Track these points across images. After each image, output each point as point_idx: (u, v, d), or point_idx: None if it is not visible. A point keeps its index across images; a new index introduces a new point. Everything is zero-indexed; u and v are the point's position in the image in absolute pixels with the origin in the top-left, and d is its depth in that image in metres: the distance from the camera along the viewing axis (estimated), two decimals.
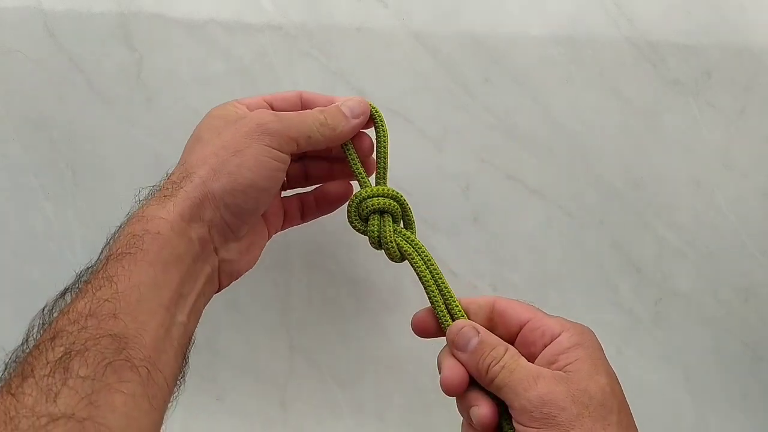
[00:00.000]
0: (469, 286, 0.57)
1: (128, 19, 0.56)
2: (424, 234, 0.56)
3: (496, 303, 0.43)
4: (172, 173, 0.42)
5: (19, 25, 0.56)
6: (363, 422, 0.57)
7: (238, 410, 0.57)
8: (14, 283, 0.58)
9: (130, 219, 0.40)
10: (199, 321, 0.46)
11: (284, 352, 0.57)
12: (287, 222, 0.50)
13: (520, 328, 0.42)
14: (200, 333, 0.50)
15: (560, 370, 0.39)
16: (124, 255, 0.37)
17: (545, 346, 0.40)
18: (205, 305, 0.42)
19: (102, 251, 0.39)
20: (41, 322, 0.37)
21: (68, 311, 0.35)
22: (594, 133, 0.56)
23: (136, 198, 0.42)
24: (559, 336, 0.40)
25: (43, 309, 0.37)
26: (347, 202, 0.47)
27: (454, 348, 0.42)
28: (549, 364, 0.39)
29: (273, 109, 0.46)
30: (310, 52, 0.56)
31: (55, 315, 0.36)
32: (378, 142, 0.48)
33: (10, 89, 0.56)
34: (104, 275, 0.36)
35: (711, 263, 0.56)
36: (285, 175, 0.44)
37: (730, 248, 0.56)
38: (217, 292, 0.44)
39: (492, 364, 0.40)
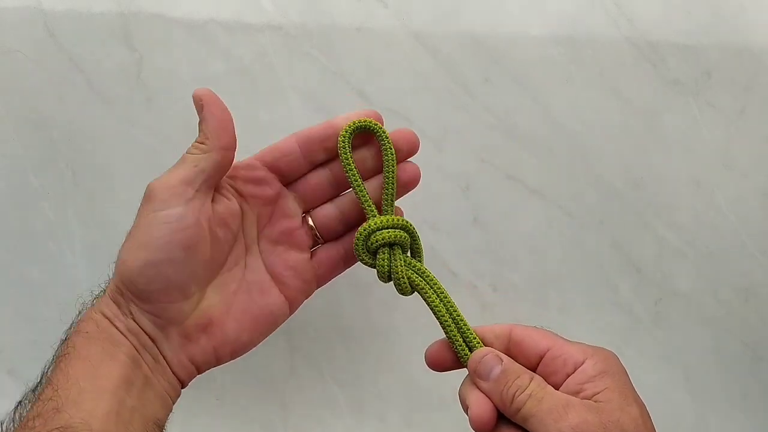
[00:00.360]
0: (469, 286, 0.57)
1: (128, 19, 0.56)
2: (424, 234, 0.56)
3: (513, 332, 0.41)
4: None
5: (19, 25, 0.56)
6: (363, 422, 0.57)
7: (238, 410, 0.57)
8: (14, 283, 0.58)
9: (68, 328, 0.41)
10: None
11: (284, 352, 0.57)
12: (326, 277, 0.46)
13: (540, 358, 0.40)
14: None
15: (589, 399, 0.37)
16: (60, 358, 0.38)
17: (568, 375, 0.38)
18: (171, 393, 0.41)
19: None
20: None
21: (23, 420, 0.37)
22: (594, 133, 0.56)
23: (82, 302, 0.42)
24: (582, 364, 0.38)
25: (1, 424, 0.38)
26: (355, 234, 0.43)
27: (476, 377, 0.41)
28: (575, 394, 0.38)
29: (274, 165, 0.42)
30: (310, 52, 0.56)
31: (14, 425, 0.38)
32: (385, 164, 0.44)
33: (10, 89, 0.56)
34: (46, 380, 0.38)
35: (711, 263, 0.56)
36: (202, 232, 0.40)
37: (730, 248, 0.56)
38: (184, 387, 0.42)
39: (517, 393, 0.38)
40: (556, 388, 0.38)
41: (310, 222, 0.44)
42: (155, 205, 0.38)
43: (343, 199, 0.45)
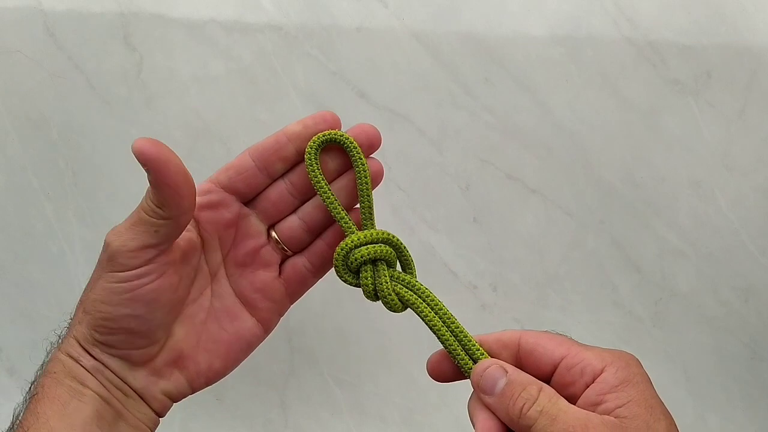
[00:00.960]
0: (469, 286, 0.57)
1: (128, 19, 0.56)
2: (424, 234, 0.56)
3: (523, 339, 0.38)
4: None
5: (19, 25, 0.56)
6: (363, 422, 0.57)
7: (238, 410, 0.57)
8: (14, 283, 0.58)
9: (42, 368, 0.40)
10: None
11: (284, 352, 0.57)
12: (298, 293, 0.43)
13: (555, 367, 0.37)
14: None
15: (610, 414, 0.34)
16: (31, 398, 0.38)
17: (587, 386, 0.35)
18: (148, 424, 0.40)
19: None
20: None
21: None
22: (594, 133, 0.56)
23: (55, 336, 0.42)
24: (602, 372, 0.35)
25: None
26: (333, 255, 0.40)
27: (480, 392, 0.37)
28: (594, 406, 0.34)
29: (230, 185, 0.39)
30: (310, 52, 0.56)
31: None
32: (358, 178, 0.41)
33: (10, 89, 0.56)
34: (18, 422, 0.37)
35: (711, 263, 0.56)
36: (167, 282, 0.38)
37: (730, 248, 0.56)
38: (161, 416, 0.41)
39: (525, 406, 0.35)
40: (574, 400, 0.35)
41: (276, 237, 0.42)
42: (115, 266, 0.37)
43: (306, 208, 0.42)
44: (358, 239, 0.39)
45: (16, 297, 0.58)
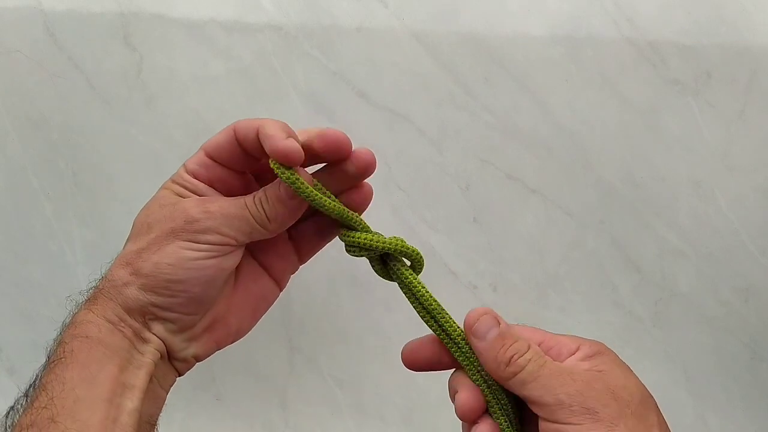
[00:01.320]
0: (469, 286, 0.57)
1: (128, 19, 0.56)
2: (424, 234, 0.56)
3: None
4: (104, 275, 0.41)
5: (19, 25, 0.56)
6: (363, 422, 0.57)
7: (238, 410, 0.57)
8: (14, 283, 0.58)
9: (62, 328, 0.40)
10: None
11: (284, 352, 0.57)
12: (302, 257, 0.45)
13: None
14: None
15: (592, 369, 0.36)
16: (55, 363, 0.38)
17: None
18: (165, 388, 0.41)
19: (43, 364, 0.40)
20: None
21: (14, 429, 0.36)
22: (594, 133, 0.56)
23: (73, 303, 0.42)
24: (577, 350, 0.37)
25: None
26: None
27: (472, 336, 0.39)
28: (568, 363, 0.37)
29: (216, 162, 0.40)
30: (310, 52, 0.56)
31: None
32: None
33: (10, 89, 0.56)
34: (39, 385, 0.37)
35: (711, 263, 0.56)
36: (231, 265, 0.40)
37: (730, 248, 0.56)
38: (181, 375, 0.43)
39: (515, 356, 0.37)
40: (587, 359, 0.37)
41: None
42: (199, 239, 0.38)
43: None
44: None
45: (16, 297, 0.58)
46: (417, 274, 0.43)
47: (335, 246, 0.56)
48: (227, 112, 0.56)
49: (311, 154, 0.41)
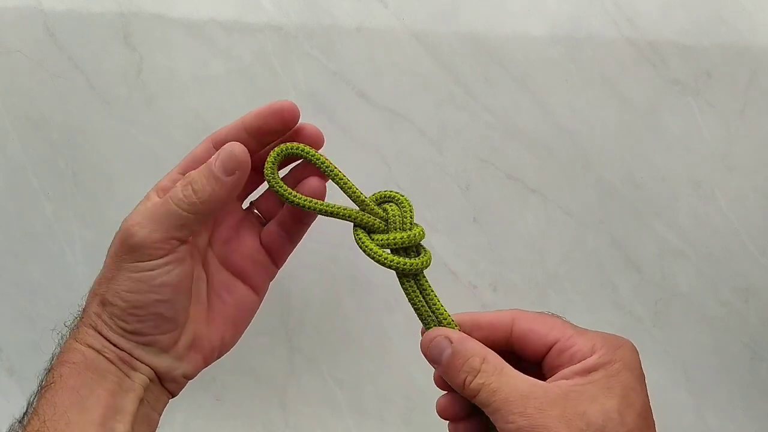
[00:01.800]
0: (469, 286, 0.57)
1: (128, 19, 0.56)
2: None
3: (516, 324, 0.38)
4: (85, 301, 0.41)
5: (19, 25, 0.56)
6: (363, 422, 0.57)
7: (238, 410, 0.57)
8: (14, 283, 0.58)
9: (52, 356, 0.40)
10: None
11: (284, 352, 0.57)
12: (278, 262, 0.45)
13: (548, 350, 0.37)
14: None
15: (563, 389, 0.34)
16: (46, 388, 0.38)
17: None
18: (157, 411, 0.42)
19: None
20: None
21: None
22: (594, 133, 0.56)
23: (65, 327, 0.42)
24: (591, 354, 0.35)
25: None
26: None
27: (429, 361, 0.38)
28: (561, 379, 0.35)
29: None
30: (310, 52, 0.56)
31: None
32: (334, 180, 0.41)
33: (10, 89, 0.56)
34: (32, 411, 0.37)
35: (711, 263, 0.56)
36: (185, 272, 0.39)
37: (730, 248, 0.56)
38: (174, 396, 0.43)
39: (467, 379, 0.35)
40: (564, 378, 0.35)
41: (255, 210, 0.44)
42: (141, 256, 0.37)
43: None
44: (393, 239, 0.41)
45: (16, 297, 0.58)
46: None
47: (335, 246, 0.56)
48: (227, 112, 0.56)
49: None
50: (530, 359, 0.38)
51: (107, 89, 0.56)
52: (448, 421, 0.39)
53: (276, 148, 0.40)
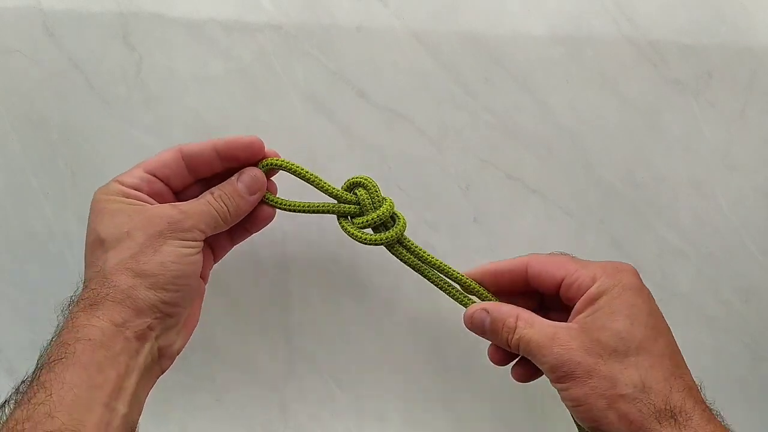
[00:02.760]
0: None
1: (128, 19, 0.56)
2: (424, 234, 0.56)
3: (529, 266, 0.45)
4: (89, 280, 0.43)
5: (19, 25, 0.56)
6: (363, 422, 0.57)
7: (237, 411, 0.57)
8: (14, 283, 0.58)
9: (60, 331, 0.41)
10: (199, 322, 0.47)
11: (283, 352, 0.57)
12: (217, 258, 0.51)
13: (558, 286, 0.44)
14: (199, 333, 0.50)
15: (579, 321, 0.41)
16: (55, 362, 0.39)
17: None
18: (147, 392, 0.44)
19: (36, 364, 0.41)
20: None
21: (7, 421, 0.37)
22: (594, 133, 0.56)
23: (61, 309, 0.44)
24: (591, 287, 0.42)
25: None
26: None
27: (476, 333, 0.46)
28: (576, 314, 0.42)
29: (158, 178, 0.46)
30: (310, 52, 0.56)
31: None
32: (311, 182, 0.49)
33: (10, 89, 0.56)
34: (37, 383, 0.38)
35: (711, 263, 0.56)
36: (201, 255, 0.46)
37: (730, 248, 0.56)
38: (162, 373, 0.46)
39: (509, 337, 0.43)
40: (578, 313, 0.42)
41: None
42: (187, 236, 0.44)
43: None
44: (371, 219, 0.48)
45: (16, 297, 0.58)
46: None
47: (335, 247, 0.56)
48: (227, 112, 0.56)
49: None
50: (547, 294, 0.45)
51: (107, 89, 0.56)
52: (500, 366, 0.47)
53: (260, 163, 0.48)
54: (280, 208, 0.49)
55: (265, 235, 0.55)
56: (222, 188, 0.46)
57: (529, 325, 0.42)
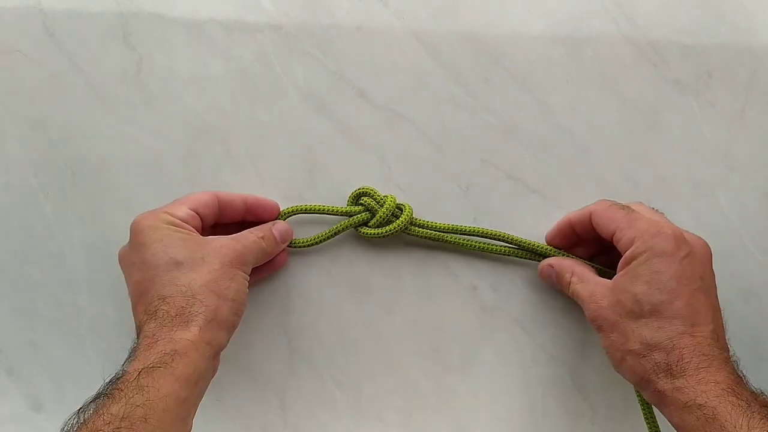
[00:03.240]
0: (469, 287, 0.56)
1: (128, 19, 0.56)
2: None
3: (592, 218, 0.51)
4: (170, 297, 0.45)
5: (19, 25, 0.56)
6: (362, 422, 0.57)
7: (237, 411, 0.57)
8: (14, 283, 0.57)
9: (154, 338, 0.44)
10: None
11: (283, 353, 0.57)
12: None
13: (611, 238, 0.49)
14: None
15: (614, 283, 0.47)
16: (155, 368, 0.42)
17: None
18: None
19: (126, 362, 0.44)
20: (77, 421, 0.40)
21: (102, 413, 0.40)
22: (594, 133, 0.56)
23: (147, 312, 0.46)
24: (631, 246, 0.47)
25: (78, 410, 0.41)
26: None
27: (547, 282, 0.55)
28: (618, 272, 0.48)
29: (199, 215, 0.51)
30: (310, 52, 0.56)
31: (89, 414, 0.40)
32: (321, 211, 0.55)
33: (10, 89, 0.56)
34: (137, 384, 0.41)
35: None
36: None
37: (730, 248, 0.56)
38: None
39: (566, 288, 0.52)
40: (618, 271, 0.48)
41: None
42: (247, 269, 0.50)
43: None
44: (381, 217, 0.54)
45: (16, 297, 0.57)
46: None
47: (335, 247, 0.56)
48: (227, 112, 0.56)
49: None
50: (606, 237, 0.50)
51: (106, 89, 0.56)
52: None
53: (283, 210, 0.55)
54: (308, 246, 0.55)
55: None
56: (262, 230, 0.52)
57: (580, 281, 0.50)
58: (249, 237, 0.51)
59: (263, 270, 0.54)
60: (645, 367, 0.44)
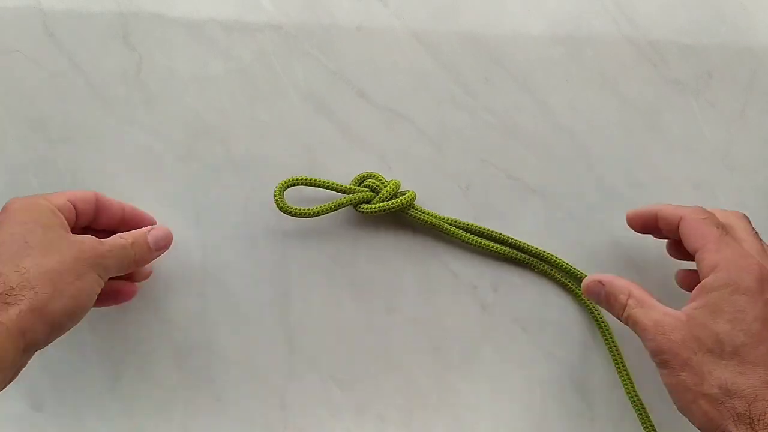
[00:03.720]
0: (469, 287, 0.56)
1: (128, 19, 0.56)
2: (424, 234, 0.56)
3: (682, 222, 0.46)
4: (4, 275, 0.42)
5: (19, 25, 0.56)
6: (363, 422, 0.57)
7: (238, 411, 0.57)
8: None
9: None
10: (199, 322, 0.47)
11: (283, 352, 0.57)
12: None
13: (694, 254, 0.45)
14: (199, 333, 0.50)
15: (686, 311, 0.43)
16: None
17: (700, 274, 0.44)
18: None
19: None
20: None
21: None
22: (594, 133, 0.56)
23: None
24: (710, 274, 0.43)
25: None
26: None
27: (592, 299, 0.49)
28: (690, 302, 0.44)
29: (76, 209, 0.48)
30: (310, 52, 0.56)
31: None
32: (321, 185, 0.54)
33: (10, 89, 0.56)
34: None
35: None
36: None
37: None
38: None
39: (618, 312, 0.46)
40: (692, 301, 0.43)
41: None
42: (103, 273, 0.46)
43: None
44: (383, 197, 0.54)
45: None
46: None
47: (335, 246, 0.56)
48: (227, 112, 0.56)
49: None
50: (670, 234, 0.48)
51: (106, 89, 0.56)
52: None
53: (280, 182, 0.53)
54: (306, 216, 0.53)
55: (265, 235, 0.55)
56: (134, 236, 0.49)
57: (639, 305, 0.45)
58: (117, 241, 0.47)
59: (108, 299, 0.51)
60: (722, 415, 0.40)
